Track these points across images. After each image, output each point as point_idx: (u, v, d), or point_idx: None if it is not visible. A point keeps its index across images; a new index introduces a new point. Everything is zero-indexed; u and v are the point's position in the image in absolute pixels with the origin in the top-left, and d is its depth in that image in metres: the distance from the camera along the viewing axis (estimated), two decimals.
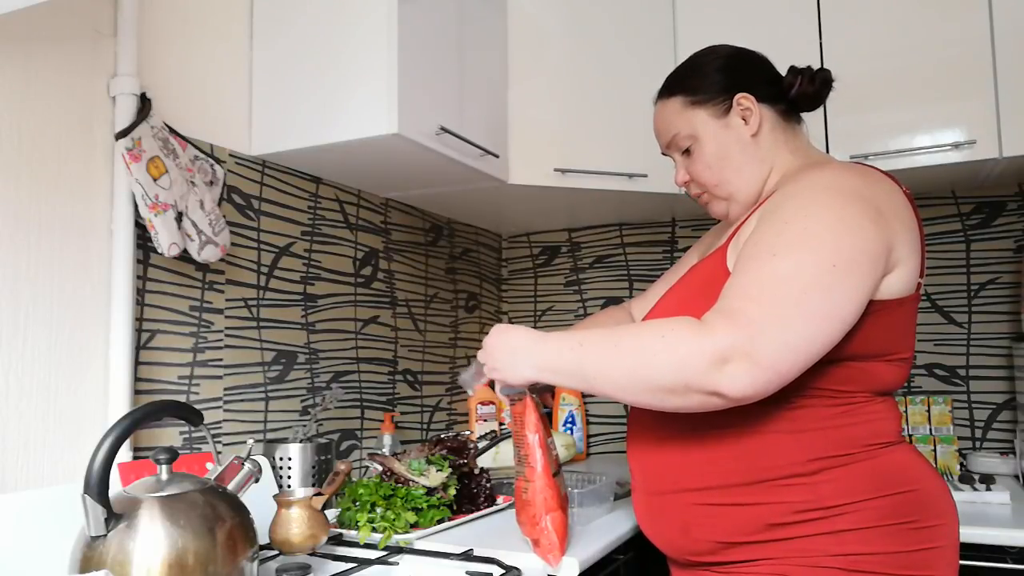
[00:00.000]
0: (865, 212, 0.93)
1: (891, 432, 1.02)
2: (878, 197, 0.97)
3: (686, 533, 1.04)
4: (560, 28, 1.94)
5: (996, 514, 1.49)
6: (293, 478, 1.47)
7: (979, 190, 2.04)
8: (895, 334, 1.00)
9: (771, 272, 0.90)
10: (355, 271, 1.88)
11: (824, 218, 0.93)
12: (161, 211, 1.28)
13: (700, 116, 1.14)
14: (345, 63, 1.50)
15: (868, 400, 1.01)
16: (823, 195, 0.96)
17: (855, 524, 0.94)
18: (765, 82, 1.14)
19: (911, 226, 1.00)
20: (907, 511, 0.96)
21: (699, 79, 1.15)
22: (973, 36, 1.73)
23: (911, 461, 1.01)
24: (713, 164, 1.13)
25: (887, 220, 0.95)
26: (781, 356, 0.86)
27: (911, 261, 0.99)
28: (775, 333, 0.86)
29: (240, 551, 0.94)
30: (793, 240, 0.92)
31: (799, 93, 1.13)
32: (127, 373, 1.27)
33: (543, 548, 1.13)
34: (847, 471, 0.96)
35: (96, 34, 1.30)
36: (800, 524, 0.96)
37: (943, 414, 1.92)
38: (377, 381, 1.94)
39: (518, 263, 2.63)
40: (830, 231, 0.91)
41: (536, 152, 1.88)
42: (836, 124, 1.83)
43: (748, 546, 0.99)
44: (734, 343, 0.85)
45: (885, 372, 1.01)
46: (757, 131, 1.12)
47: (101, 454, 0.88)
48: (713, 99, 1.13)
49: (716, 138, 1.13)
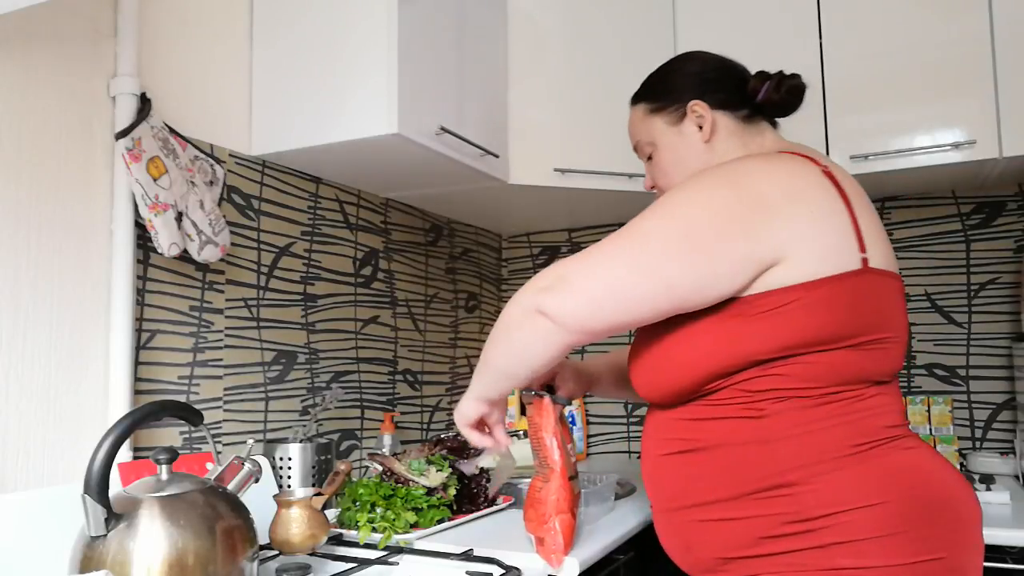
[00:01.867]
0: (734, 195, 0.94)
1: (883, 428, 0.94)
2: (761, 181, 0.95)
3: (689, 550, 1.03)
4: (560, 28, 1.94)
5: (996, 514, 1.49)
6: (293, 478, 1.47)
7: (979, 190, 2.04)
8: (845, 315, 0.93)
9: (623, 233, 0.97)
10: (355, 271, 1.88)
11: (689, 198, 0.96)
12: (161, 211, 1.28)
13: (657, 124, 1.17)
14: (345, 63, 1.50)
15: (849, 395, 0.94)
16: (705, 178, 0.98)
17: (844, 536, 0.88)
18: (727, 89, 1.14)
19: (824, 201, 0.95)
20: (902, 520, 0.88)
21: (660, 87, 1.18)
22: (973, 36, 1.73)
23: (911, 462, 0.93)
24: (669, 171, 1.17)
25: (773, 204, 0.93)
26: (590, 284, 0.94)
27: (829, 236, 0.93)
28: (585, 266, 0.95)
29: (240, 551, 0.94)
30: (654, 210, 0.97)
31: (765, 100, 1.12)
32: (127, 373, 1.27)
33: (547, 548, 1.13)
34: (830, 479, 0.90)
35: (96, 34, 1.30)
36: (790, 537, 0.92)
37: (943, 414, 1.93)
38: (377, 381, 1.94)
39: (518, 263, 2.63)
40: (691, 205, 0.95)
41: (536, 152, 1.88)
42: (836, 124, 1.83)
43: (745, 561, 0.96)
44: (557, 274, 0.96)
45: (857, 359, 0.94)
46: (710, 137, 1.12)
47: (101, 454, 0.88)
48: (669, 107, 1.16)
49: (671, 145, 1.16)
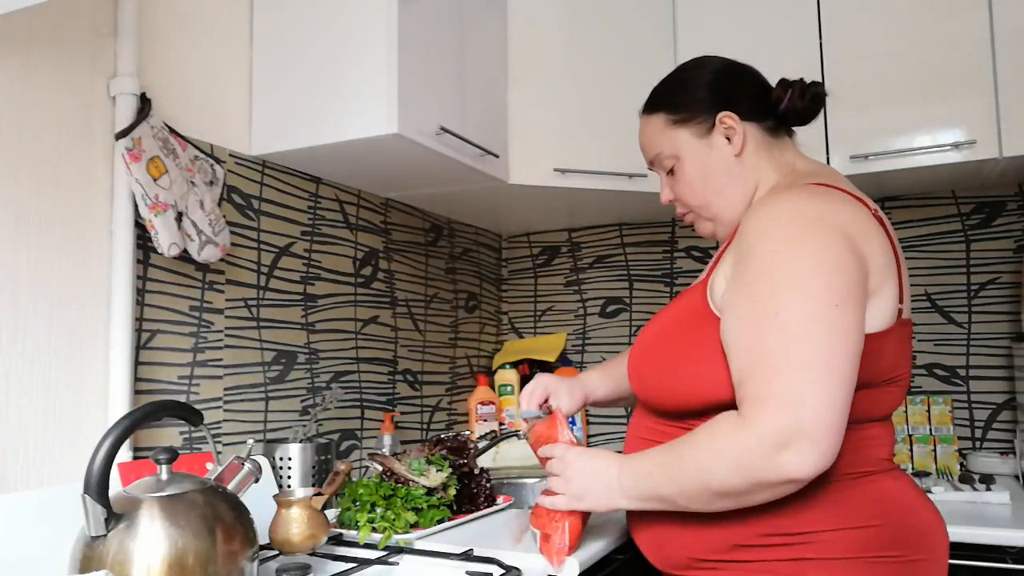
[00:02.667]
0: (838, 240, 0.91)
1: (875, 460, 0.98)
2: (845, 221, 0.93)
3: (660, 547, 1.05)
4: (560, 28, 1.94)
5: (996, 514, 1.49)
6: (293, 478, 1.47)
7: (979, 190, 2.04)
8: (877, 365, 0.95)
9: (780, 334, 0.87)
10: (355, 271, 1.88)
11: (804, 257, 0.90)
12: (161, 211, 1.28)
13: (682, 136, 1.11)
14: (345, 63, 1.50)
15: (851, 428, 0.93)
16: (790, 230, 0.93)
17: (818, 554, 0.91)
18: (751, 98, 1.10)
19: (883, 248, 0.96)
20: (880, 544, 0.92)
21: (682, 96, 1.12)
22: (973, 36, 1.73)
23: (894, 491, 0.97)
24: (696, 185, 1.11)
25: (857, 245, 0.92)
26: (832, 419, 0.84)
27: (888, 287, 0.94)
28: (814, 399, 0.84)
29: (240, 551, 0.94)
30: (785, 290, 0.89)
31: (788, 108, 1.09)
32: (127, 373, 1.27)
33: (551, 545, 1.12)
34: (813, 500, 0.93)
35: (96, 34, 1.30)
36: (765, 548, 0.94)
37: (943, 414, 1.93)
38: (377, 381, 1.94)
39: (518, 263, 2.63)
40: (817, 270, 0.89)
41: (536, 152, 1.88)
42: (836, 124, 1.83)
43: (718, 563, 0.98)
44: (780, 428, 0.84)
45: (868, 399, 0.96)
46: (741, 151, 1.09)
47: (101, 454, 0.88)
48: (695, 118, 1.10)
49: (699, 158, 1.10)
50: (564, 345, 2.48)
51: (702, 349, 0.97)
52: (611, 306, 2.48)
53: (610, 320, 2.47)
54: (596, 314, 2.49)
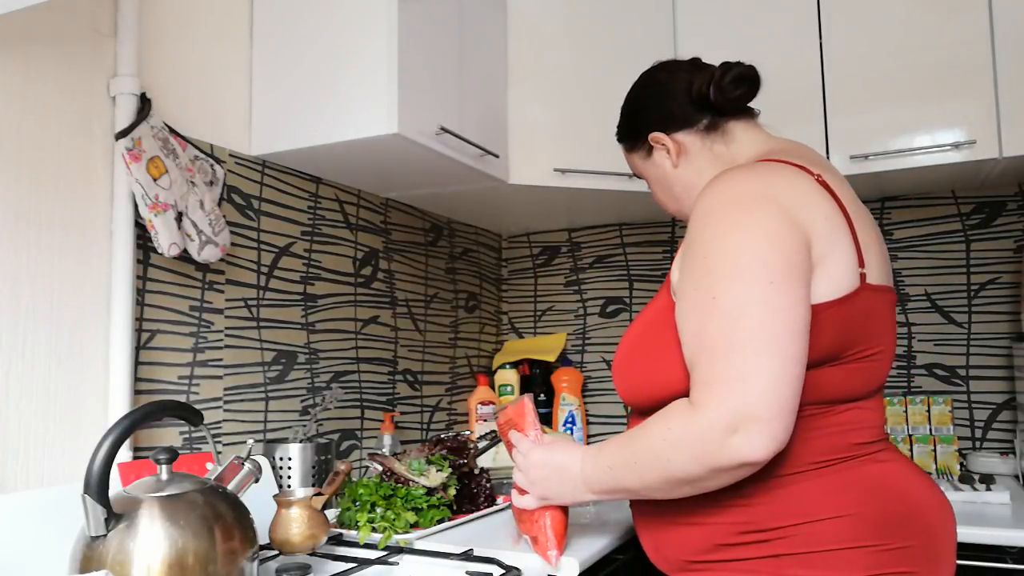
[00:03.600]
0: (773, 215, 0.90)
1: (852, 446, 0.95)
2: (779, 194, 0.93)
3: (658, 550, 1.06)
4: (560, 28, 1.94)
5: (996, 514, 1.49)
6: (293, 478, 1.48)
7: (979, 190, 2.04)
8: (841, 335, 0.93)
9: (719, 318, 0.88)
10: (355, 271, 1.88)
11: (737, 238, 0.90)
12: (161, 211, 1.28)
13: (636, 160, 1.23)
14: (345, 63, 1.50)
15: (823, 411, 0.94)
16: (724, 212, 0.93)
17: (797, 548, 0.90)
18: (672, 108, 1.14)
19: (828, 214, 0.94)
20: (860, 533, 0.90)
21: (623, 129, 1.24)
22: (973, 36, 1.73)
23: (878, 476, 0.94)
24: (660, 196, 1.23)
25: (795, 215, 0.91)
26: (779, 399, 0.84)
27: (837, 253, 0.92)
28: (758, 380, 0.84)
29: (240, 551, 0.94)
30: (719, 273, 0.90)
31: (718, 100, 1.10)
32: (127, 373, 1.27)
33: (541, 546, 1.13)
34: (784, 493, 0.92)
35: (96, 34, 1.30)
36: (744, 546, 0.94)
37: (943, 414, 1.92)
38: (377, 381, 1.94)
39: (518, 263, 2.63)
40: (749, 249, 0.89)
41: (536, 152, 1.88)
42: (836, 124, 1.83)
43: (706, 564, 0.98)
44: (728, 412, 0.85)
45: (839, 376, 0.94)
46: (678, 161, 1.15)
47: (101, 454, 0.88)
48: (636, 145, 1.21)
49: (652, 176, 1.21)
50: (564, 345, 2.48)
51: (671, 343, 0.97)
52: (611, 306, 2.48)
53: (610, 320, 2.47)
54: (596, 314, 2.49)
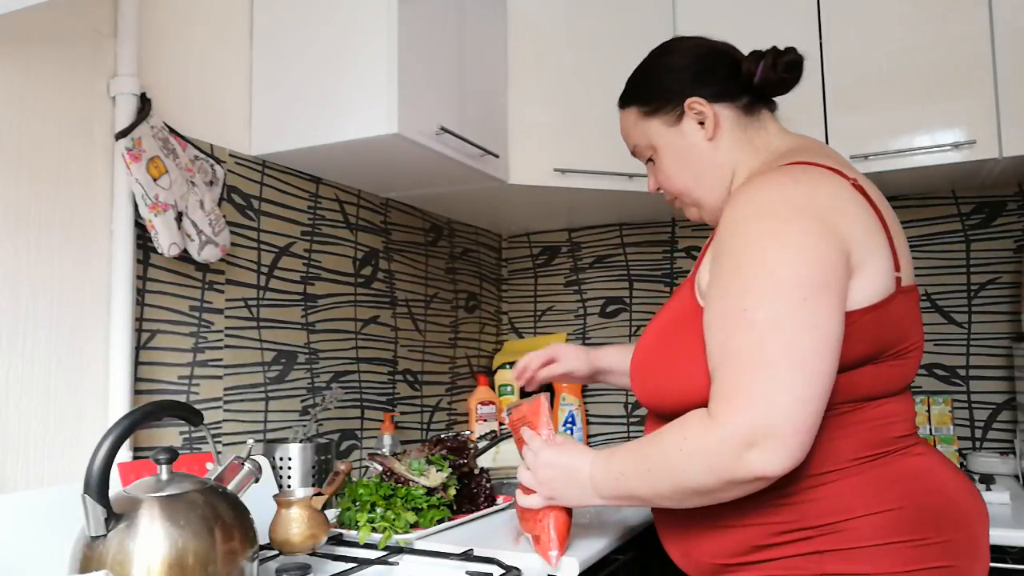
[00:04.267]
0: (812, 227, 0.88)
1: (891, 440, 0.94)
2: (819, 203, 0.91)
3: (687, 555, 1.04)
4: (560, 28, 1.94)
5: (996, 514, 1.49)
6: (293, 478, 1.47)
7: (979, 190, 2.04)
8: (878, 338, 0.92)
9: (747, 331, 0.86)
10: (355, 271, 1.88)
11: (774, 251, 0.88)
12: (161, 211, 1.28)
13: (654, 126, 1.11)
14: (345, 63, 1.50)
15: (860, 407, 0.94)
16: (762, 222, 0.91)
17: (836, 544, 0.90)
18: (721, 78, 1.07)
19: (868, 222, 0.93)
20: (902, 528, 0.89)
21: (649, 86, 1.12)
22: (973, 36, 1.73)
23: (916, 470, 0.94)
24: (674, 174, 1.11)
25: (836, 226, 0.89)
26: (797, 415, 0.83)
27: (876, 259, 0.91)
28: (781, 398, 0.83)
29: (240, 551, 0.94)
30: (753, 286, 0.88)
31: (762, 80, 1.06)
32: (127, 373, 1.27)
33: (543, 545, 1.13)
34: (832, 489, 0.91)
35: (96, 34, 1.30)
36: (784, 545, 0.93)
37: (943, 414, 1.93)
38: (377, 381, 1.94)
39: (518, 263, 2.63)
40: (785, 263, 0.87)
41: (536, 152, 1.88)
42: (836, 124, 1.83)
43: (740, 567, 0.97)
44: (750, 427, 0.84)
45: (875, 374, 0.94)
46: (714, 135, 1.07)
47: (101, 454, 0.88)
48: (664, 107, 1.09)
49: (673, 147, 1.10)
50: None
51: (695, 346, 0.95)
52: (611, 306, 2.48)
53: (610, 320, 2.47)
54: (596, 314, 2.49)
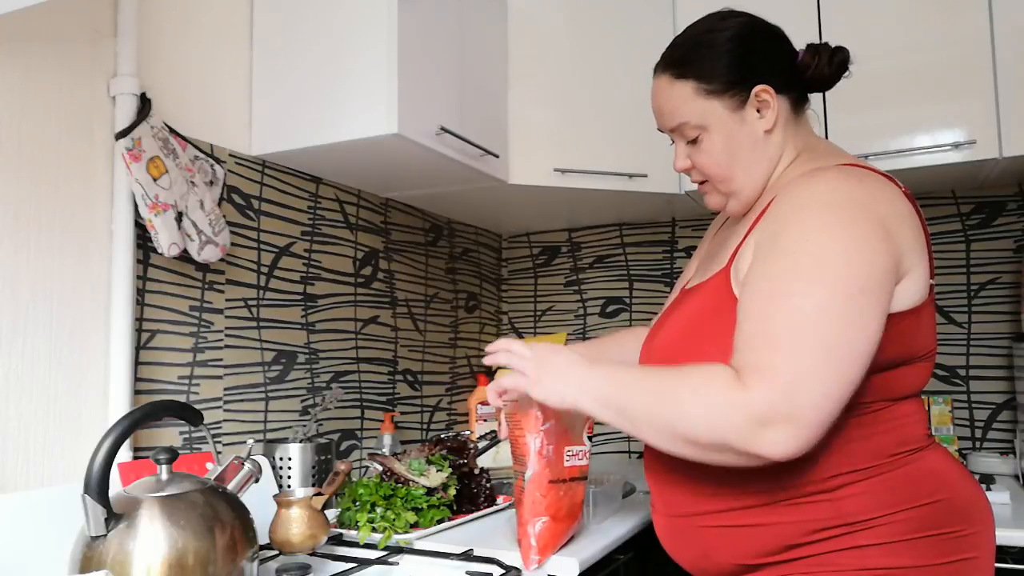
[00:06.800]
0: (873, 230, 0.89)
1: (918, 437, 0.97)
2: (881, 206, 0.92)
3: (707, 556, 1.02)
4: (560, 28, 1.94)
5: (996, 514, 1.47)
6: (293, 478, 1.47)
7: (979, 190, 2.04)
8: (913, 341, 0.96)
9: (791, 314, 0.86)
10: (355, 271, 1.88)
11: (832, 245, 0.88)
12: (161, 211, 1.28)
13: (714, 107, 1.03)
14: (345, 63, 1.50)
15: (891, 406, 0.96)
16: (825, 215, 0.91)
17: (878, 539, 0.91)
18: (783, 68, 1.05)
19: (916, 230, 0.95)
20: (937, 521, 0.92)
21: (713, 63, 1.03)
22: (973, 36, 1.73)
23: (941, 466, 0.97)
24: (721, 159, 1.04)
25: (892, 232, 0.91)
26: (820, 409, 0.83)
27: (919, 267, 0.94)
28: (811, 386, 0.83)
29: (240, 551, 0.94)
30: (806, 274, 0.87)
31: (814, 75, 1.05)
32: (127, 373, 1.27)
33: (522, 549, 1.14)
34: (870, 484, 0.92)
35: (96, 34, 1.30)
36: (819, 543, 0.93)
37: (943, 414, 1.93)
38: (377, 381, 1.94)
39: (518, 263, 2.63)
40: (842, 258, 0.87)
41: (536, 152, 1.88)
42: (836, 124, 1.83)
43: (774, 566, 0.96)
44: (772, 404, 0.83)
45: (906, 375, 0.96)
46: (772, 127, 1.03)
47: (101, 454, 0.88)
48: (731, 90, 1.02)
49: (728, 132, 1.03)
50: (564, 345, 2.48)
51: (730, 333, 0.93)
52: (611, 306, 2.48)
53: (610, 320, 2.47)
54: (596, 314, 2.49)
